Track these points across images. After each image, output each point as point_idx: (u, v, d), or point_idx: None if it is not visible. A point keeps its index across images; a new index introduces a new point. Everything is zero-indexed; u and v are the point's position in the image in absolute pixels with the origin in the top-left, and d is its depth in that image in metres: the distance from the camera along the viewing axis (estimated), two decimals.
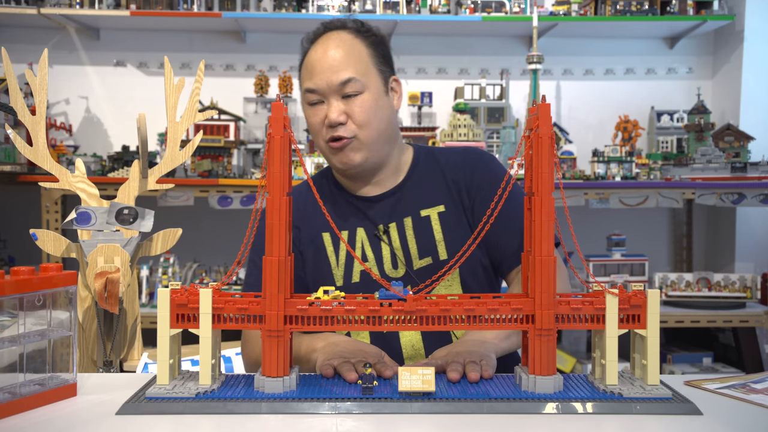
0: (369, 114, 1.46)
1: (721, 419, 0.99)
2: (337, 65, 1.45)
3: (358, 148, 1.47)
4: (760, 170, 3.04)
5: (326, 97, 1.46)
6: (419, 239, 1.50)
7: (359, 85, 1.45)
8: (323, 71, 1.45)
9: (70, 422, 0.98)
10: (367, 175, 1.53)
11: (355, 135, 1.46)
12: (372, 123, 1.46)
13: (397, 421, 0.98)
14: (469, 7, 3.30)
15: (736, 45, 3.42)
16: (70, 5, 3.18)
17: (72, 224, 1.36)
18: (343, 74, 1.44)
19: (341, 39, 1.49)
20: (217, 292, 1.05)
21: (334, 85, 1.44)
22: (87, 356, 1.42)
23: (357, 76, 1.45)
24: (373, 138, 1.47)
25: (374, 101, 1.47)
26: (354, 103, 1.45)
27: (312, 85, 1.46)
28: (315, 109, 1.48)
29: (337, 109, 1.44)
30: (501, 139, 3.34)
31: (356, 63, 1.46)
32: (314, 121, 1.49)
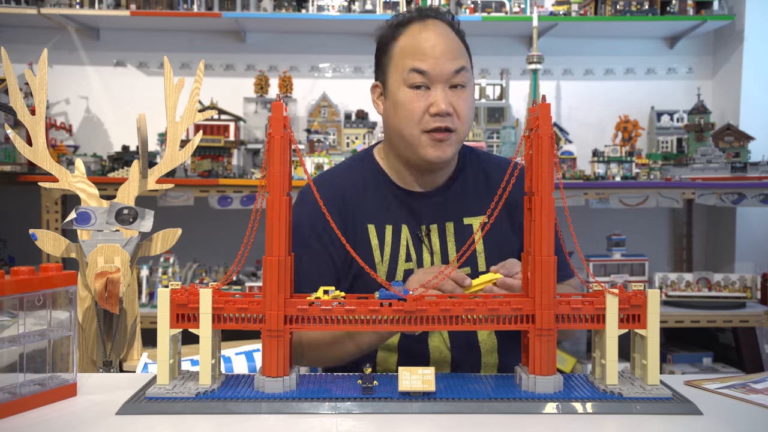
0: (469, 110, 1.43)
1: (721, 419, 0.99)
2: (451, 52, 1.40)
3: (455, 143, 1.43)
4: (760, 170, 3.04)
5: (433, 83, 1.40)
6: (459, 248, 1.46)
7: (467, 77, 1.42)
8: (436, 56, 1.39)
9: (70, 422, 0.98)
10: (438, 170, 1.49)
11: (456, 128, 1.41)
12: (469, 119, 1.44)
13: (397, 421, 0.98)
14: (469, 7, 3.30)
15: (736, 45, 3.42)
16: (70, 5, 3.17)
17: (72, 224, 1.36)
18: (457, 63, 1.40)
19: (445, 29, 1.44)
20: (217, 292, 1.05)
21: (447, 72, 1.39)
22: (87, 356, 1.42)
23: (467, 67, 1.42)
24: (465, 134, 1.45)
25: (472, 97, 1.45)
26: (460, 97, 1.41)
27: (424, 66, 1.39)
28: (417, 94, 1.40)
29: (446, 98, 1.39)
30: (501, 139, 3.34)
31: (463, 54, 1.44)
32: (416, 106, 1.39)
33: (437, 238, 1.48)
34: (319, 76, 3.58)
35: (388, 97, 1.47)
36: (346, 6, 3.26)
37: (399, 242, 1.48)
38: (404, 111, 1.41)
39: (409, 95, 1.41)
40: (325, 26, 3.37)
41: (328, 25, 3.36)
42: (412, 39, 1.43)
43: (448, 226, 1.49)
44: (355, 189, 1.50)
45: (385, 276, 1.47)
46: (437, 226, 1.49)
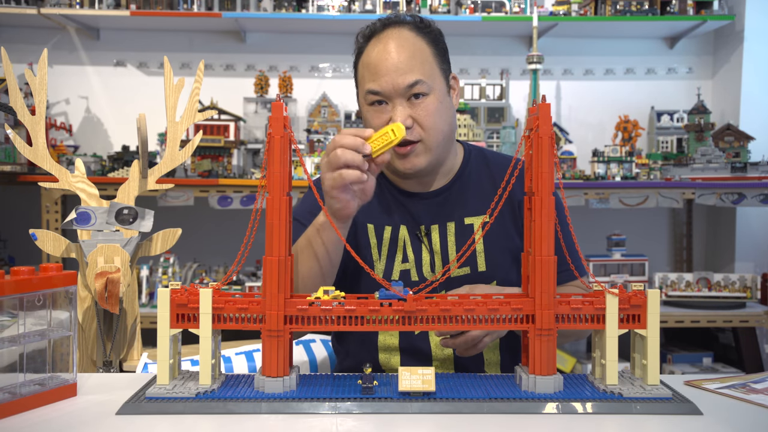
0: (435, 117, 1.41)
1: (721, 419, 0.99)
2: (403, 67, 1.39)
3: (423, 152, 1.42)
4: (760, 170, 3.04)
5: (390, 99, 1.41)
6: (459, 247, 1.46)
7: (426, 87, 1.40)
8: (388, 72, 1.39)
9: (70, 422, 0.98)
10: (423, 177, 1.50)
11: (420, 139, 1.41)
12: (437, 126, 1.42)
13: (397, 421, 0.98)
14: (469, 7, 3.30)
15: (736, 45, 3.42)
16: (70, 5, 3.18)
17: (72, 224, 1.36)
18: (410, 77, 1.39)
19: (404, 37, 1.43)
20: (217, 292, 1.05)
21: (400, 87, 1.39)
22: (87, 356, 1.42)
23: (424, 78, 1.40)
24: (438, 141, 1.43)
25: (439, 103, 1.42)
26: (420, 107, 1.40)
27: (377, 87, 1.41)
28: (377, 111, 1.43)
29: (403, 113, 1.39)
30: (501, 139, 3.34)
31: (422, 64, 1.41)
32: (376, 123, 1.42)
33: (438, 237, 1.48)
34: (319, 76, 3.58)
35: (361, 113, 1.51)
36: (346, 6, 3.26)
37: (396, 243, 1.49)
38: (368, 127, 1.43)
39: (370, 112, 1.44)
40: (325, 26, 3.37)
41: (328, 25, 3.36)
42: (368, 57, 1.44)
43: (450, 225, 1.49)
44: None
45: (381, 273, 1.48)
46: (438, 226, 1.49)
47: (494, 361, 1.48)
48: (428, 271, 1.47)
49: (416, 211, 1.50)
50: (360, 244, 1.48)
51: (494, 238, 1.47)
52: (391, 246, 1.49)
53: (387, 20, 1.47)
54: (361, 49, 1.48)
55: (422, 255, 1.48)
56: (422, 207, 1.50)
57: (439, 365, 1.45)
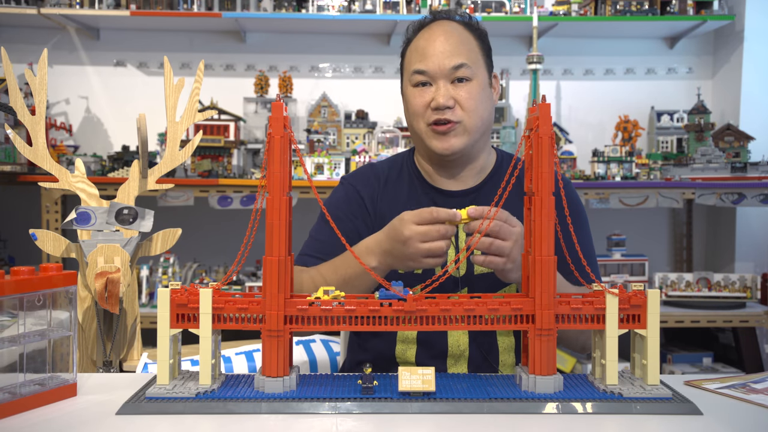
0: (476, 101, 1.46)
1: (721, 419, 0.99)
2: (450, 50, 1.46)
3: (461, 134, 1.47)
4: (760, 170, 3.04)
5: (435, 80, 1.47)
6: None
7: (470, 71, 1.46)
8: (435, 54, 1.46)
9: (70, 422, 0.98)
10: (456, 166, 1.53)
11: (461, 120, 1.46)
12: (478, 110, 1.47)
13: (397, 421, 0.98)
14: (469, 7, 3.30)
15: (736, 45, 3.42)
16: (70, 5, 3.17)
17: (72, 224, 1.36)
18: (456, 59, 1.45)
19: (452, 27, 1.50)
20: (217, 292, 1.05)
21: (446, 68, 1.45)
22: (87, 356, 1.42)
23: (469, 63, 1.46)
24: (477, 125, 1.47)
25: (481, 90, 1.48)
26: (462, 89, 1.46)
27: (423, 66, 1.47)
28: (420, 91, 1.48)
29: (446, 93, 1.45)
30: (501, 139, 3.34)
31: (468, 51, 1.48)
32: (418, 102, 1.48)
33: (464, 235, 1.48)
34: (319, 76, 3.58)
35: (403, 97, 1.56)
36: (346, 6, 3.26)
37: None
38: (410, 107, 1.51)
39: (414, 92, 1.50)
40: (325, 26, 3.37)
41: (328, 25, 3.36)
42: (417, 43, 1.51)
43: None
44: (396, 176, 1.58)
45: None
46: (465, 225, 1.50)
47: (509, 363, 1.49)
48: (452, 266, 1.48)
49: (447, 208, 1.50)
50: None
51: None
52: None
53: (437, 14, 1.55)
54: (409, 39, 1.55)
55: (449, 251, 1.48)
56: (453, 205, 1.49)
57: (454, 363, 1.46)
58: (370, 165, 1.65)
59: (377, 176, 1.59)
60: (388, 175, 1.59)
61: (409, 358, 1.47)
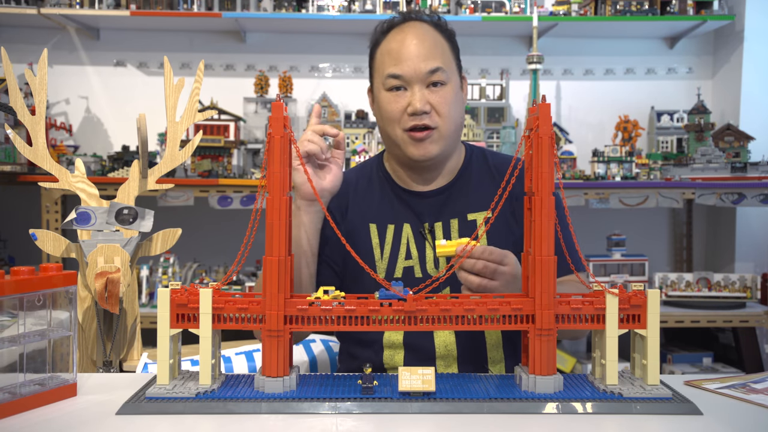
0: (450, 106, 1.45)
1: (721, 419, 0.99)
2: (425, 53, 1.44)
3: (437, 140, 1.45)
4: (760, 170, 3.04)
5: (410, 84, 1.44)
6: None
7: (445, 75, 1.45)
8: (410, 58, 1.43)
9: (70, 422, 0.98)
10: (430, 170, 1.52)
11: (437, 126, 1.44)
12: (452, 115, 1.46)
13: (397, 421, 0.98)
14: (469, 7, 3.30)
15: (736, 45, 3.42)
16: (70, 5, 3.17)
17: (72, 224, 1.37)
18: (432, 63, 1.43)
19: (425, 29, 1.48)
20: (217, 292, 1.05)
21: (422, 72, 1.43)
22: (87, 356, 1.42)
23: (444, 67, 1.45)
24: (451, 131, 1.46)
25: (454, 94, 1.47)
26: (438, 94, 1.44)
27: (398, 71, 1.44)
28: (395, 96, 1.46)
29: (422, 97, 1.43)
30: (501, 139, 3.34)
31: (442, 54, 1.46)
32: (394, 107, 1.45)
33: (441, 234, 1.50)
34: (319, 76, 3.58)
35: (375, 101, 1.53)
36: (346, 6, 3.26)
37: (400, 240, 1.50)
38: (385, 112, 1.48)
39: (388, 97, 1.47)
40: (325, 26, 3.37)
41: (328, 25, 3.36)
42: (389, 44, 1.48)
43: (453, 222, 1.50)
44: (366, 183, 1.56)
45: (384, 272, 1.49)
46: (441, 224, 1.50)
47: (498, 359, 1.48)
48: (432, 267, 1.48)
49: (420, 209, 1.52)
50: (359, 247, 1.49)
51: (496, 233, 1.48)
52: (394, 244, 1.50)
53: (407, 14, 1.53)
54: (379, 40, 1.52)
55: (426, 252, 1.49)
56: (426, 205, 1.52)
57: (443, 364, 1.45)
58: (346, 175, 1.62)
59: (346, 187, 1.55)
60: (357, 185, 1.57)
61: (397, 364, 1.46)
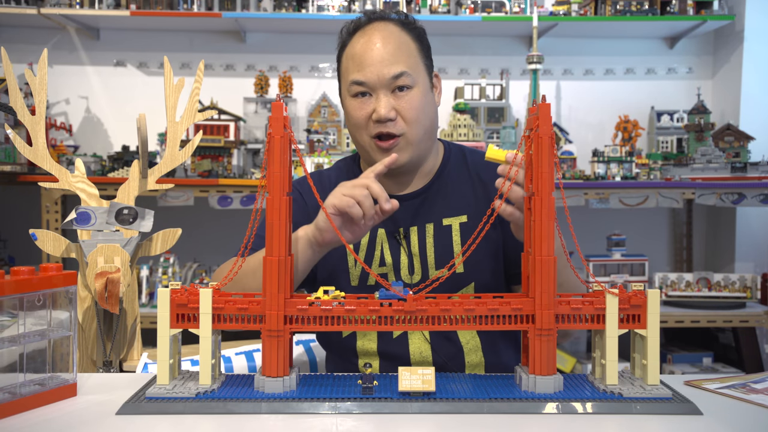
0: (418, 111, 1.40)
1: (721, 419, 0.99)
2: (389, 58, 1.39)
3: (405, 147, 1.41)
4: (760, 170, 3.04)
5: (374, 90, 1.40)
6: (438, 249, 1.44)
7: (410, 79, 1.40)
8: (373, 63, 1.39)
9: (70, 422, 0.98)
10: (403, 174, 1.48)
11: (403, 133, 1.40)
12: (420, 120, 1.41)
13: (397, 421, 0.98)
14: (469, 7, 3.30)
15: (736, 45, 3.42)
16: (70, 5, 3.18)
17: (72, 224, 1.37)
18: (395, 68, 1.38)
19: (389, 31, 1.42)
20: (217, 292, 1.05)
21: (385, 78, 1.38)
22: (87, 356, 1.42)
23: (409, 71, 1.40)
24: (420, 136, 1.42)
25: (423, 97, 1.42)
26: (404, 99, 1.40)
27: (361, 77, 1.40)
28: (360, 102, 1.42)
29: (387, 104, 1.38)
30: (501, 139, 3.34)
31: (407, 57, 1.41)
32: (359, 114, 1.41)
33: (416, 239, 1.46)
34: (319, 76, 3.58)
35: (342, 106, 1.50)
36: (346, 6, 3.26)
37: (374, 246, 1.47)
38: (351, 119, 1.44)
39: (354, 104, 1.43)
40: (325, 26, 3.37)
41: (328, 25, 3.36)
42: (352, 49, 1.43)
43: (428, 227, 1.47)
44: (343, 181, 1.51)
45: (357, 281, 1.46)
46: (417, 228, 1.47)
47: (476, 363, 1.45)
48: (406, 274, 1.45)
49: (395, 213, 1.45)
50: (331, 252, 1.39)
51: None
52: (368, 250, 1.46)
53: (372, 14, 1.47)
54: (345, 43, 1.47)
55: (401, 258, 1.45)
56: (401, 209, 1.45)
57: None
58: (318, 173, 1.61)
59: (324, 184, 1.53)
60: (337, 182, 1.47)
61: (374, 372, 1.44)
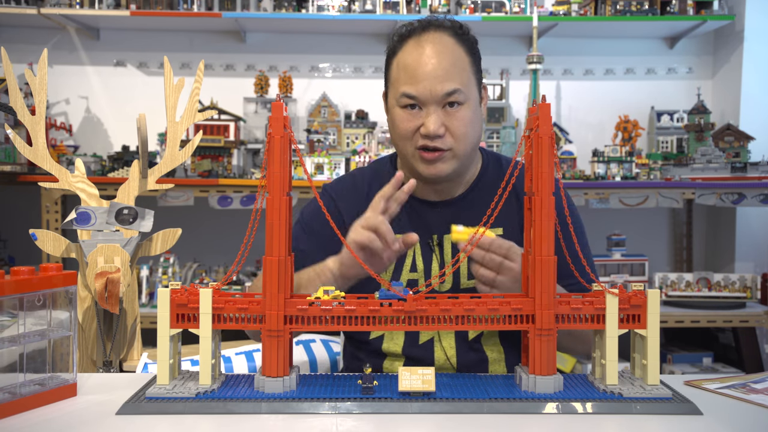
0: (468, 128, 1.39)
1: (721, 419, 0.99)
2: (443, 74, 1.36)
3: (450, 159, 1.40)
4: (760, 170, 3.04)
5: (425, 105, 1.38)
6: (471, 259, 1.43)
7: (462, 96, 1.38)
8: (427, 77, 1.36)
9: (70, 422, 0.98)
10: (443, 183, 1.47)
11: (450, 148, 1.39)
12: (468, 136, 1.40)
13: (397, 421, 0.98)
14: (469, 7, 3.30)
15: (736, 45, 3.42)
16: (70, 5, 3.17)
17: (72, 224, 1.37)
18: (449, 85, 1.36)
19: (444, 43, 1.40)
20: (217, 292, 1.05)
21: (438, 95, 1.36)
22: (87, 356, 1.42)
23: (461, 88, 1.38)
24: (467, 151, 1.41)
25: (473, 114, 1.40)
26: (455, 116, 1.38)
27: (413, 91, 1.37)
28: (409, 114, 1.40)
29: (437, 120, 1.36)
30: (501, 139, 3.34)
31: (461, 73, 1.39)
32: (407, 126, 1.40)
33: (449, 248, 1.46)
34: (319, 76, 3.58)
35: (388, 112, 1.48)
36: (346, 6, 3.26)
37: (406, 252, 1.45)
38: (398, 129, 1.43)
39: (402, 115, 1.41)
40: (325, 26, 3.37)
41: (328, 25, 3.36)
42: (406, 59, 1.41)
43: None
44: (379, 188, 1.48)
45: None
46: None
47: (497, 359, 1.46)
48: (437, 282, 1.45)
49: (430, 220, 1.47)
50: None
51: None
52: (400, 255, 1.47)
53: (427, 22, 1.44)
54: (395, 49, 1.45)
55: (432, 265, 1.45)
56: (436, 216, 1.47)
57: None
58: (352, 176, 1.59)
59: (358, 188, 1.53)
60: (370, 187, 1.51)
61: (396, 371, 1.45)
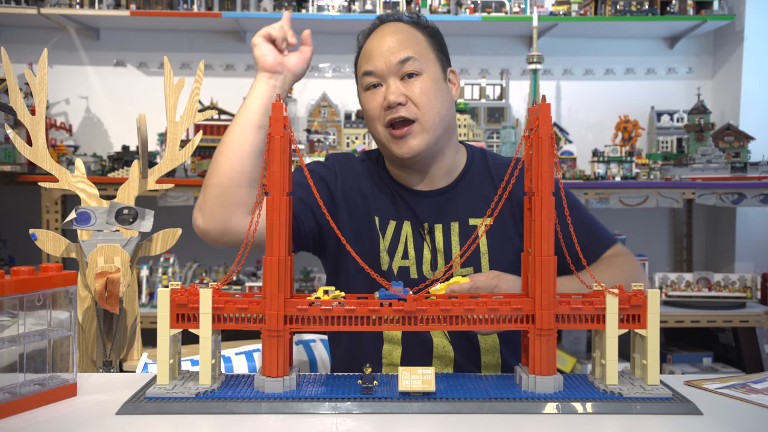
0: (429, 95, 1.42)
1: (721, 419, 0.99)
2: (395, 46, 1.43)
3: (420, 133, 1.42)
4: (760, 170, 3.04)
5: (384, 79, 1.44)
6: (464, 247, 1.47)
7: (418, 65, 1.43)
8: (381, 54, 1.43)
9: (70, 422, 0.98)
10: (422, 167, 1.49)
11: (416, 118, 1.42)
12: (433, 105, 1.42)
13: (397, 421, 0.98)
14: (469, 7, 3.30)
15: (736, 45, 3.42)
16: (70, 5, 3.18)
17: (72, 224, 1.37)
18: (402, 53, 1.42)
19: (398, 27, 1.48)
20: (217, 292, 1.05)
21: (392, 64, 1.42)
22: (87, 356, 1.42)
23: (415, 56, 1.43)
24: (435, 122, 1.43)
25: (433, 83, 1.44)
26: (413, 85, 1.42)
27: (370, 67, 1.44)
28: (372, 93, 1.46)
29: (396, 89, 1.41)
30: (501, 139, 3.34)
31: (414, 45, 1.45)
32: (372, 105, 1.45)
33: (441, 236, 1.48)
34: (319, 76, 3.58)
35: (360, 105, 1.53)
36: (346, 6, 3.26)
37: (399, 239, 1.49)
38: (366, 112, 1.48)
39: (366, 96, 1.47)
40: (325, 26, 3.37)
41: (328, 25, 3.36)
42: (364, 47, 1.50)
43: (453, 225, 1.49)
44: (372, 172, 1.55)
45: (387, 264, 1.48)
46: (441, 226, 1.49)
47: (493, 364, 1.48)
48: (428, 269, 1.48)
49: (420, 208, 1.50)
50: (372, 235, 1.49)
51: (496, 240, 1.47)
52: (392, 241, 1.49)
53: (385, 17, 1.53)
54: (361, 46, 1.53)
55: (423, 253, 1.48)
56: (426, 205, 1.51)
57: (439, 364, 1.45)
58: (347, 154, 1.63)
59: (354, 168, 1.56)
60: (361, 170, 1.56)
61: (395, 359, 1.46)
